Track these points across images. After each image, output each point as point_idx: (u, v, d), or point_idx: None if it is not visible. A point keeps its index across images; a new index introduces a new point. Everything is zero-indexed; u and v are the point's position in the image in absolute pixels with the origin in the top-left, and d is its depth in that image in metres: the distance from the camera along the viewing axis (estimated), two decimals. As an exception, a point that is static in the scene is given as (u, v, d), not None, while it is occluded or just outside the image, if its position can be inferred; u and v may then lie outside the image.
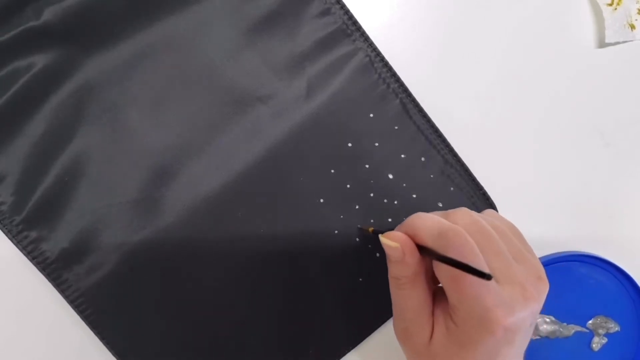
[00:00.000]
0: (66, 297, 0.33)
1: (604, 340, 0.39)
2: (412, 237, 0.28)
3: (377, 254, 0.36)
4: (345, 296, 0.36)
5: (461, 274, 0.25)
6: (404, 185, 0.36)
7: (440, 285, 0.28)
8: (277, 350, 0.35)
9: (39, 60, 0.32)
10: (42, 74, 0.32)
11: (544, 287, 0.28)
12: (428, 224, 0.28)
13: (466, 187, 0.37)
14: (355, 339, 0.36)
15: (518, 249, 0.29)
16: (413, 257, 0.27)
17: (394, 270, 0.28)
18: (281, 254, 0.35)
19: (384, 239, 0.28)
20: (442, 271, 0.26)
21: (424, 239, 0.27)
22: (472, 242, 0.26)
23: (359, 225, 0.36)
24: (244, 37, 0.34)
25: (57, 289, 0.33)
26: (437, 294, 0.29)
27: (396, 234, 0.28)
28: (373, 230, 0.33)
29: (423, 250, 0.27)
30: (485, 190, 0.37)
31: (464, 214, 0.29)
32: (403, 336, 0.29)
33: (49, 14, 0.32)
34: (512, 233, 0.29)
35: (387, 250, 0.28)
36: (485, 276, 0.22)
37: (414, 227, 0.28)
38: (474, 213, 0.29)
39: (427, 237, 0.27)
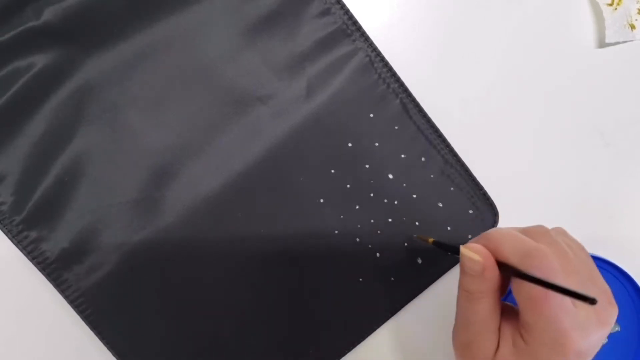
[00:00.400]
0: (66, 297, 0.33)
1: (604, 341, 0.39)
2: (491, 252, 0.27)
3: (377, 254, 0.36)
4: (345, 296, 0.36)
5: (543, 295, 0.25)
6: (404, 185, 0.36)
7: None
8: (277, 350, 0.35)
9: (39, 60, 0.32)
10: (42, 74, 0.32)
11: (615, 312, 0.28)
12: (511, 240, 0.27)
13: (466, 187, 0.37)
14: (355, 339, 0.36)
15: (590, 271, 0.29)
16: (493, 273, 0.27)
17: (468, 284, 0.28)
18: (281, 254, 0.35)
19: (466, 250, 0.28)
20: (522, 289, 0.26)
21: (506, 255, 0.27)
22: (557, 264, 0.26)
23: (415, 235, 0.35)
24: (244, 37, 0.34)
25: (57, 289, 0.33)
26: (505, 310, 0.29)
27: (478, 247, 0.28)
28: (433, 242, 0.33)
29: (502, 266, 0.27)
30: (485, 190, 0.37)
31: (543, 233, 0.28)
32: (465, 350, 0.29)
33: (49, 14, 0.32)
34: (584, 254, 0.29)
35: (466, 263, 0.28)
36: (591, 301, 0.21)
37: (495, 242, 0.27)
38: (551, 232, 0.29)
39: (510, 254, 0.27)
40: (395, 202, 0.36)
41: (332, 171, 0.35)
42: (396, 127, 0.36)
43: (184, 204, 0.34)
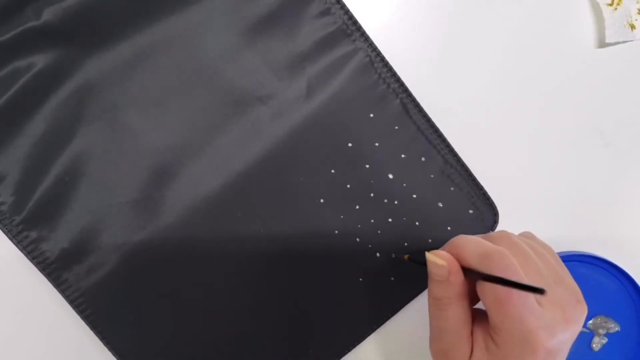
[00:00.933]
0: (66, 297, 0.33)
1: (604, 340, 0.39)
2: (455, 257, 0.28)
3: (377, 254, 0.36)
4: (345, 296, 0.36)
5: (506, 295, 0.25)
6: (404, 185, 0.36)
7: (476, 306, 0.28)
8: (277, 350, 0.35)
9: (39, 60, 0.32)
10: (42, 74, 0.32)
11: (583, 311, 0.28)
12: (472, 244, 0.28)
13: (466, 187, 0.37)
14: (355, 339, 0.36)
15: (556, 271, 0.29)
16: (458, 277, 0.28)
17: (436, 291, 0.28)
18: (281, 254, 0.35)
19: (431, 256, 0.28)
20: (486, 292, 0.26)
21: (467, 259, 0.28)
22: (515, 263, 0.26)
23: (393, 255, 0.36)
24: (244, 37, 0.34)
25: (57, 289, 0.33)
26: (476, 315, 0.29)
27: (442, 253, 0.28)
28: (409, 257, 0.33)
29: (467, 271, 0.28)
30: (485, 190, 0.37)
31: (503, 237, 0.29)
32: (440, 357, 0.29)
33: (49, 14, 0.32)
34: (550, 255, 0.30)
35: (432, 269, 0.28)
36: (540, 291, 0.22)
37: (457, 247, 0.28)
38: (513, 235, 0.30)
39: (471, 257, 0.27)
40: (395, 202, 0.36)
41: (332, 171, 0.35)
42: (396, 127, 0.36)
43: (184, 204, 0.34)
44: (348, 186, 0.35)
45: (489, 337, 0.27)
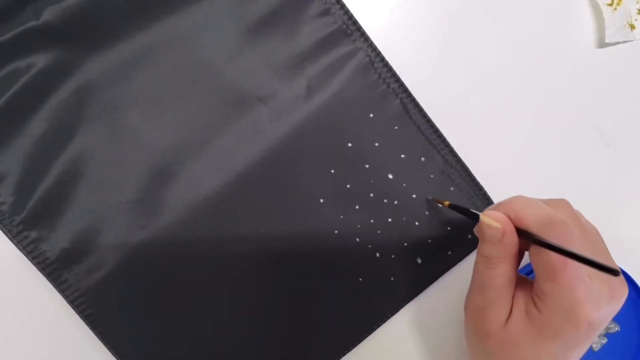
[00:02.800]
0: (66, 297, 0.33)
1: (604, 340, 0.39)
2: (512, 219, 0.28)
3: (377, 254, 0.36)
4: (345, 296, 0.36)
5: (561, 264, 0.25)
6: (404, 185, 0.36)
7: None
8: (277, 350, 0.35)
9: (39, 60, 0.32)
10: (42, 74, 0.32)
11: (625, 290, 0.28)
12: (533, 208, 0.28)
13: (466, 187, 0.37)
14: (355, 339, 0.36)
15: (604, 249, 0.29)
16: (512, 239, 0.27)
17: (487, 250, 0.28)
18: (281, 254, 0.35)
19: (485, 217, 0.28)
20: (540, 257, 0.26)
21: (527, 222, 0.27)
22: (576, 234, 0.26)
23: (429, 197, 0.35)
24: (244, 37, 0.34)
25: (57, 289, 0.33)
26: (519, 280, 0.29)
27: (497, 214, 0.28)
28: (450, 204, 0.33)
29: (521, 233, 0.27)
30: (485, 190, 0.37)
31: (565, 205, 0.29)
32: (478, 315, 0.29)
33: (49, 14, 0.32)
34: (599, 237, 0.30)
35: (484, 229, 0.28)
36: (614, 272, 0.22)
37: (517, 210, 0.28)
38: (573, 207, 0.29)
39: (531, 221, 0.27)
40: (395, 202, 0.36)
41: (332, 171, 0.35)
42: (396, 127, 0.36)
43: (184, 204, 0.34)
44: (348, 186, 0.35)
45: (531, 302, 0.27)
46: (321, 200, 0.35)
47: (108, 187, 0.33)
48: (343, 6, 0.34)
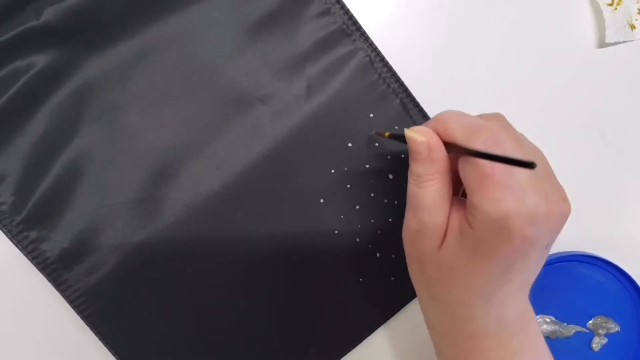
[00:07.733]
0: (66, 297, 0.33)
1: (604, 341, 0.39)
2: (439, 133, 0.27)
3: (377, 254, 0.36)
4: (345, 296, 0.36)
5: (490, 171, 0.24)
6: (404, 185, 0.36)
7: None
8: (278, 350, 0.35)
9: (39, 60, 0.32)
10: (42, 74, 0.32)
11: (567, 210, 0.26)
12: (460, 118, 0.26)
13: (466, 187, 0.36)
14: (355, 339, 0.36)
15: (547, 166, 0.28)
16: (439, 153, 0.26)
17: (416, 167, 0.27)
18: (281, 254, 0.35)
19: (409, 132, 0.27)
20: (469, 169, 0.25)
21: (454, 133, 0.26)
22: (506, 141, 0.25)
23: (373, 132, 0.35)
24: (244, 37, 0.34)
25: (57, 289, 0.33)
26: (455, 202, 0.28)
27: (422, 128, 0.27)
28: (390, 135, 0.32)
29: (450, 147, 0.26)
30: (485, 190, 0.37)
31: (498, 117, 0.28)
32: (413, 240, 0.28)
33: (49, 14, 0.32)
34: (542, 156, 0.28)
35: (411, 146, 0.27)
36: (530, 165, 0.20)
37: (443, 121, 0.27)
38: (507, 120, 0.28)
39: (458, 131, 0.26)
40: (396, 202, 0.36)
41: (332, 171, 0.35)
42: (396, 127, 0.36)
43: (184, 203, 0.34)
44: (348, 186, 0.35)
45: (464, 220, 0.26)
46: (321, 200, 0.35)
47: (108, 187, 0.33)
48: (343, 6, 0.34)
